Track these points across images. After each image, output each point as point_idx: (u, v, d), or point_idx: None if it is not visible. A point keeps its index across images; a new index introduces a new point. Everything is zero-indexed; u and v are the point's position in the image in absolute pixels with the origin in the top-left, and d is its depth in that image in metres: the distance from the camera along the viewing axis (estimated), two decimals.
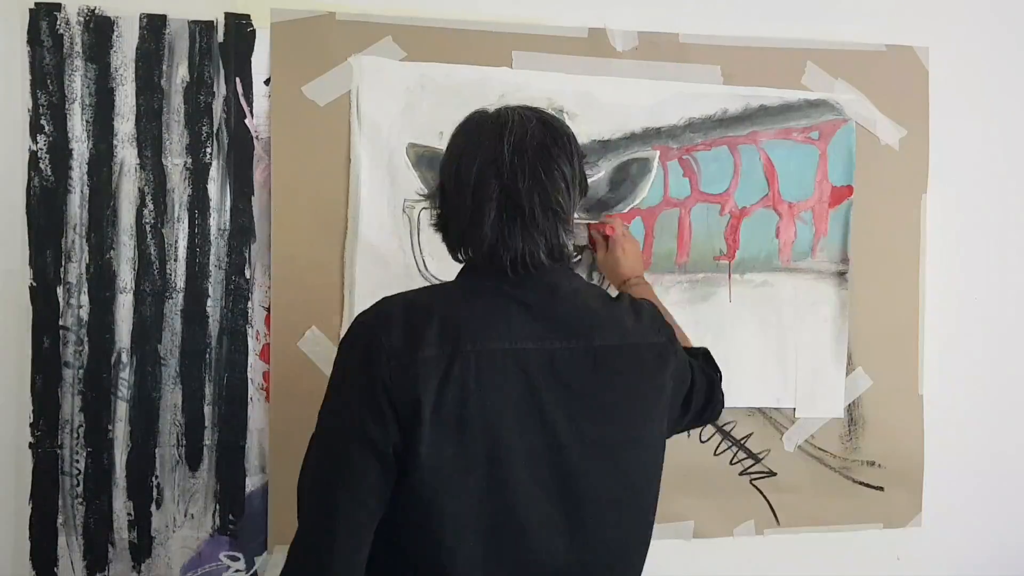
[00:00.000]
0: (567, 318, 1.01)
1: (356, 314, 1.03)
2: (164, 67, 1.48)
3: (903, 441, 1.78)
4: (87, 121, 1.46)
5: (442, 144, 1.53)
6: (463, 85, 1.56)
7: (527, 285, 1.01)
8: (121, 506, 1.48)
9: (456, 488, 0.94)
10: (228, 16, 1.50)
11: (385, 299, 1.03)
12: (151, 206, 1.48)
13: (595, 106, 1.61)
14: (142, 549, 1.48)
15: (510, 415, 0.95)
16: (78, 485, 1.46)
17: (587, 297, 1.06)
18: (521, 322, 0.99)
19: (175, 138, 1.48)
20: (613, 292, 1.30)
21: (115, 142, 1.47)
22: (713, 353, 1.67)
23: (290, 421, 1.49)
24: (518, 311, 0.99)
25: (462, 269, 1.07)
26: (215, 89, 1.50)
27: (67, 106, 1.45)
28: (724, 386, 1.69)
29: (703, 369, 1.23)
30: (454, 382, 0.93)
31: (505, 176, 0.98)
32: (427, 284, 1.49)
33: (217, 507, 1.51)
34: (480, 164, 0.99)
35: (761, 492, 1.72)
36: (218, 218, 1.50)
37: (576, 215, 1.60)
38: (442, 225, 1.07)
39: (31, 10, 1.43)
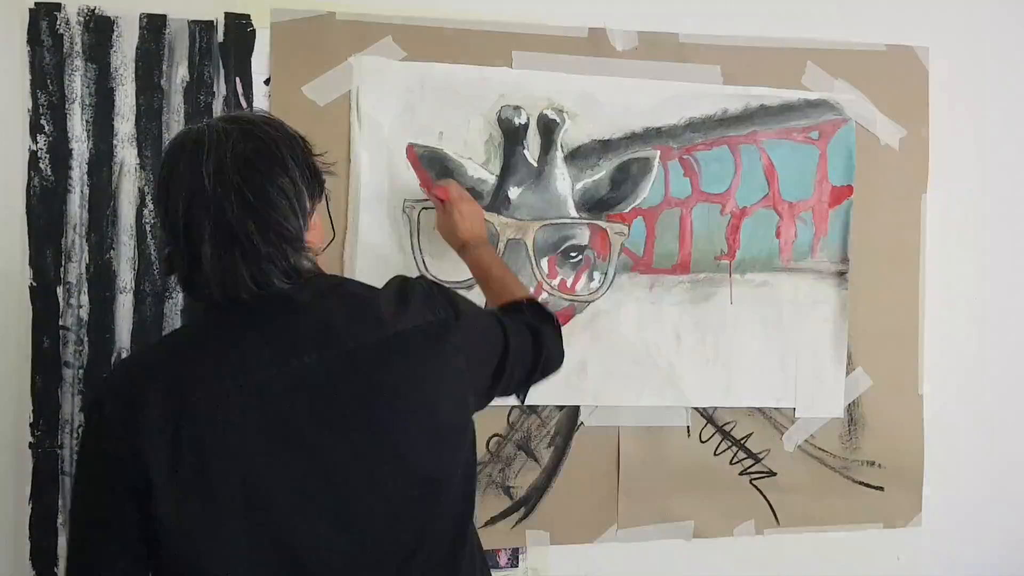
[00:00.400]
0: (311, 330, 0.93)
1: None
2: (164, 67, 1.48)
3: (903, 441, 1.78)
4: (87, 121, 1.46)
5: (443, 144, 1.56)
6: (463, 85, 1.56)
7: (262, 309, 0.93)
8: None
9: (212, 544, 0.87)
10: (228, 16, 1.50)
11: (117, 364, 0.98)
12: (151, 206, 1.48)
13: (595, 106, 1.61)
14: None
15: (261, 451, 0.88)
16: None
17: (334, 301, 0.97)
18: (257, 349, 0.91)
19: None
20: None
21: (115, 142, 1.47)
22: (714, 353, 1.68)
23: None
24: (254, 339, 0.92)
25: (203, 307, 0.97)
26: (215, 89, 1.50)
27: (67, 106, 1.45)
28: (724, 386, 1.69)
29: (522, 326, 1.15)
30: (186, 437, 0.86)
31: (212, 209, 0.89)
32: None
33: None
34: (185, 200, 0.90)
35: (761, 492, 1.72)
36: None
37: (577, 214, 1.62)
38: (167, 269, 0.97)
39: (31, 10, 1.43)
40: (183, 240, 0.91)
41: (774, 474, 1.72)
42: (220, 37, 1.49)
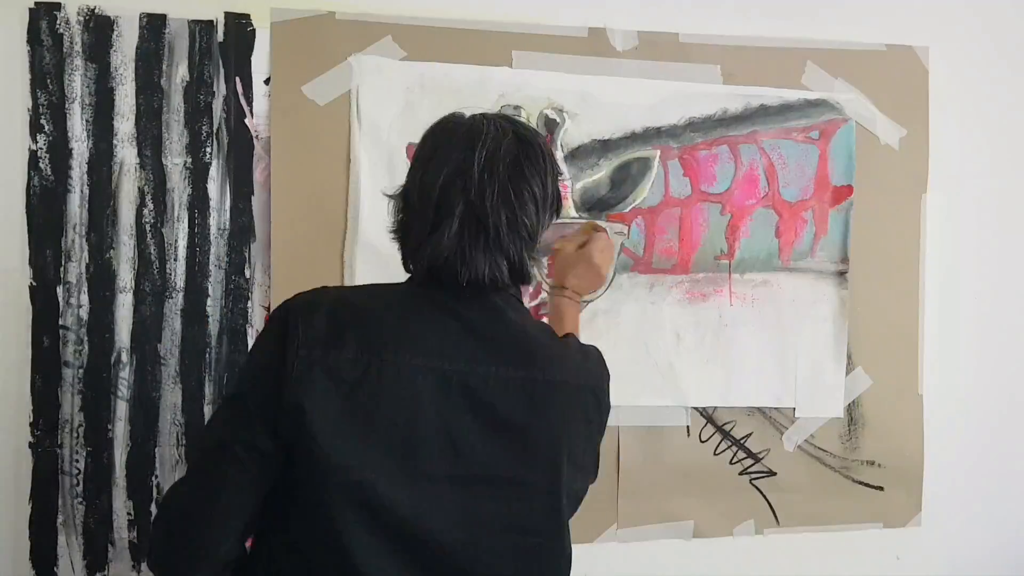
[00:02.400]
0: (511, 344, 0.96)
1: None
2: (164, 67, 1.48)
3: (903, 441, 1.78)
4: (87, 121, 1.46)
5: None
6: (463, 85, 1.56)
7: (474, 305, 0.96)
8: (121, 505, 1.48)
9: (358, 459, 0.89)
10: (228, 16, 1.50)
11: (319, 289, 0.98)
12: (151, 206, 1.48)
13: (595, 106, 1.61)
14: (142, 548, 1.48)
15: (419, 433, 0.91)
16: (78, 485, 1.46)
17: (535, 329, 1.00)
18: (457, 341, 0.94)
19: (175, 138, 1.48)
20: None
21: (115, 142, 1.47)
22: (714, 353, 1.68)
23: None
24: (457, 329, 0.94)
25: (410, 278, 1.01)
26: (215, 88, 1.50)
27: (67, 106, 1.45)
28: (723, 385, 1.70)
29: None
30: (364, 389, 0.89)
31: (472, 191, 0.93)
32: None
33: None
34: (447, 175, 0.94)
35: (761, 492, 1.72)
36: (218, 218, 1.50)
37: (577, 214, 1.62)
38: (402, 233, 1.01)
39: (31, 10, 1.43)
40: (432, 211, 0.94)
41: (774, 474, 1.72)
42: (220, 37, 1.49)
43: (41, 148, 1.44)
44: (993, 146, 1.84)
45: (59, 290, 1.45)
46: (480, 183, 0.94)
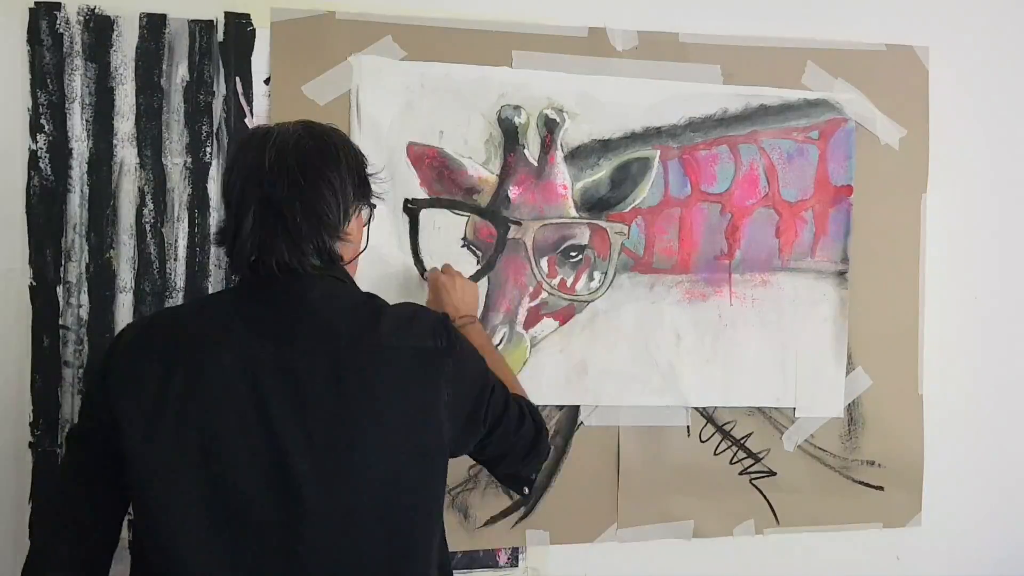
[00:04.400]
0: (313, 323, 0.99)
1: None
2: (164, 66, 1.48)
3: (903, 441, 1.78)
4: (87, 120, 1.46)
5: (443, 143, 1.56)
6: (463, 85, 1.56)
7: (277, 293, 1.00)
8: None
9: (170, 485, 0.95)
10: (228, 15, 1.50)
11: (131, 323, 1.11)
12: (151, 206, 1.48)
13: (595, 106, 1.61)
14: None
15: (231, 426, 0.95)
16: None
17: (343, 303, 1.03)
18: (259, 331, 0.98)
19: (175, 137, 1.48)
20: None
21: (115, 141, 1.47)
22: (714, 353, 1.67)
23: None
24: (258, 318, 0.99)
25: (240, 280, 1.06)
26: (215, 88, 1.50)
27: (67, 105, 1.45)
28: (723, 385, 1.69)
29: (530, 410, 1.18)
30: (171, 392, 0.95)
31: (264, 185, 0.98)
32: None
33: None
34: (243, 177, 1.00)
35: (761, 492, 1.72)
36: (218, 218, 1.50)
37: (577, 214, 1.62)
38: (218, 240, 1.07)
39: (31, 9, 1.43)
40: (234, 213, 1.00)
41: (774, 474, 1.72)
42: (220, 37, 1.49)
43: (41, 148, 1.44)
44: (993, 146, 1.84)
45: (59, 290, 1.45)
46: (271, 177, 0.98)
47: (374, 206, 1.13)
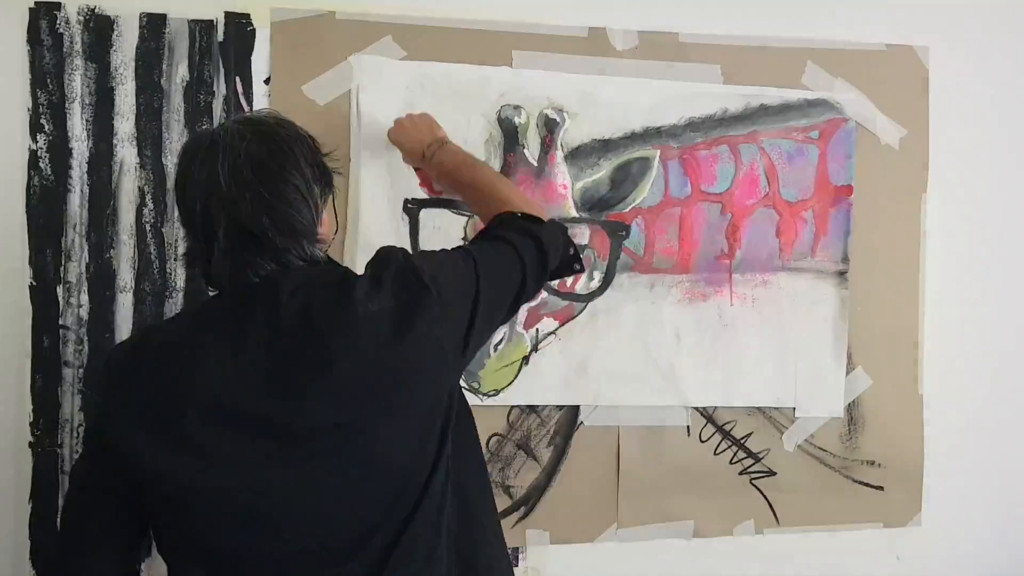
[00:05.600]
0: (291, 315, 0.95)
1: None
2: (164, 66, 1.48)
3: (903, 441, 1.78)
4: (87, 120, 1.46)
5: None
6: (463, 85, 1.56)
7: (252, 298, 0.97)
8: None
9: (196, 494, 0.95)
10: (228, 15, 1.50)
11: (115, 347, 1.08)
12: (151, 205, 1.48)
13: (595, 105, 1.61)
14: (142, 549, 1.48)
15: (231, 434, 0.94)
16: None
17: (316, 286, 0.98)
18: (245, 334, 0.95)
19: (175, 137, 1.48)
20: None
21: (115, 141, 1.47)
22: (713, 352, 1.67)
23: None
24: (244, 323, 0.96)
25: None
26: (215, 88, 1.50)
27: (67, 105, 1.45)
28: (723, 385, 1.69)
29: (522, 232, 1.14)
30: (171, 408, 0.94)
31: (227, 206, 0.95)
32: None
33: None
34: (201, 198, 0.96)
35: (761, 492, 1.72)
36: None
37: (577, 214, 1.62)
38: (188, 263, 1.03)
39: (31, 9, 1.42)
40: (200, 236, 0.98)
41: (774, 474, 1.72)
42: (220, 36, 1.49)
43: (41, 148, 1.44)
44: (993, 146, 1.84)
45: (59, 290, 1.45)
46: (231, 195, 0.95)
47: (335, 189, 1.08)
